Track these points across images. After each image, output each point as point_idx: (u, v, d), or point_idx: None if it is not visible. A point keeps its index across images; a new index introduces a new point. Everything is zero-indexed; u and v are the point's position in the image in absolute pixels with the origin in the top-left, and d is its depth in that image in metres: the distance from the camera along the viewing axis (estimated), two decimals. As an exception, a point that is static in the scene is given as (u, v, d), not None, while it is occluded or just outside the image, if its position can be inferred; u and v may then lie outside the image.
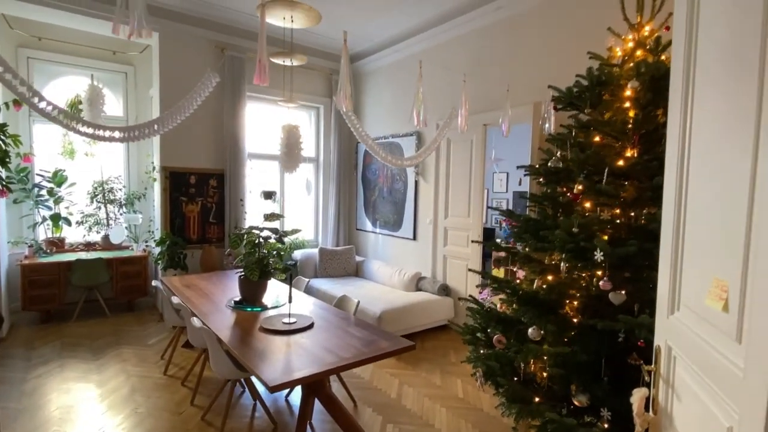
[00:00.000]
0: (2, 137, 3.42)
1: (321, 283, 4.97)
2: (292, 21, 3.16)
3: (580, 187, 2.20)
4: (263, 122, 5.60)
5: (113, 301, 4.96)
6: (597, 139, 2.35)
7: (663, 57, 2.20)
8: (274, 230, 3.18)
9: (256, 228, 3.14)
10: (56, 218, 4.77)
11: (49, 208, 4.74)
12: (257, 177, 5.58)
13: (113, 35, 4.79)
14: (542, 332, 2.18)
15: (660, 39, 2.17)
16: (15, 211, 4.60)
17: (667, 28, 2.26)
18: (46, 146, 4.88)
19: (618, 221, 2.17)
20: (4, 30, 4.41)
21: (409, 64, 5.16)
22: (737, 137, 0.89)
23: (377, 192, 5.73)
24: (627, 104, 2.21)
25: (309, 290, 4.72)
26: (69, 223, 4.89)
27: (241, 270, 3.02)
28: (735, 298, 0.86)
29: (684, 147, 1.15)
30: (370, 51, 5.61)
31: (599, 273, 2.14)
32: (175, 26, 4.65)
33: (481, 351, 2.51)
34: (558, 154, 2.44)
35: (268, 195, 5.44)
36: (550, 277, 2.42)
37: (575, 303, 2.26)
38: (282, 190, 5.80)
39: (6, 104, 3.73)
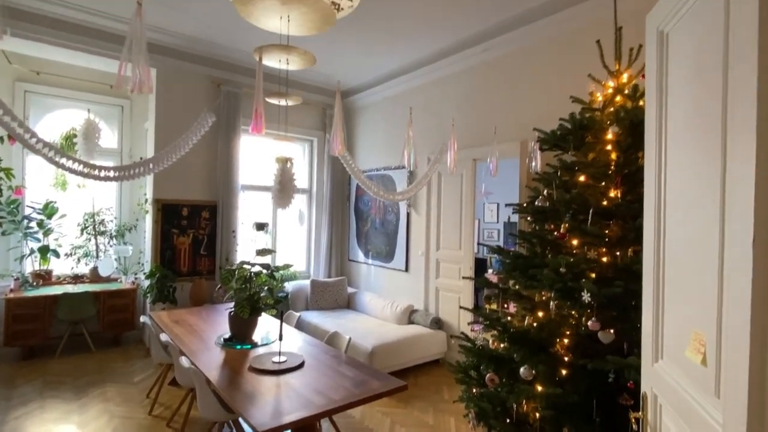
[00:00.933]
0: (-5, 172, 3.42)
1: (312, 317, 4.92)
2: (288, 63, 3.28)
3: (566, 226, 2.26)
4: (257, 154, 5.67)
5: (99, 336, 4.85)
6: (582, 179, 2.44)
7: (641, 103, 2.31)
8: (266, 265, 3.18)
9: (248, 263, 3.14)
10: (44, 250, 4.71)
11: (38, 240, 4.69)
12: (250, 208, 5.60)
13: (110, 69, 4.91)
14: (534, 372, 2.18)
15: (638, 86, 2.28)
16: (3, 244, 4.55)
17: (644, 76, 2.38)
18: (38, 178, 4.88)
19: (604, 260, 2.22)
20: (2, 65, 4.49)
21: (400, 100, 5.32)
22: (704, 193, 0.95)
23: (369, 223, 5.77)
24: (609, 147, 2.30)
25: (300, 324, 4.67)
26: (57, 255, 4.84)
27: (232, 305, 3.00)
28: (712, 352, 0.89)
29: (660, 193, 1.21)
30: (363, 87, 5.78)
31: (589, 312, 2.17)
32: (173, 62, 4.77)
33: (474, 390, 2.49)
34: (545, 192, 2.51)
35: (261, 226, 5.45)
36: (540, 314, 2.44)
37: (566, 341, 2.27)
38: (274, 222, 5.81)
39: (0, 138, 3.76)
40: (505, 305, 2.65)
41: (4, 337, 4.17)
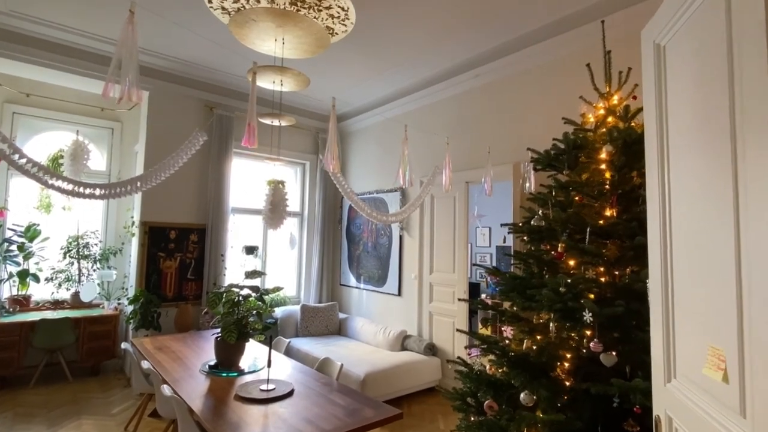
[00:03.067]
0: (-24, 192, 3.31)
1: (302, 343, 4.75)
2: (282, 85, 3.29)
3: (563, 246, 2.23)
4: (248, 177, 5.63)
5: (77, 365, 4.61)
6: (576, 198, 2.43)
7: (633, 123, 2.34)
8: (255, 288, 3.08)
9: (236, 286, 3.03)
10: (24, 274, 4.54)
11: (18, 264, 4.52)
12: (239, 232, 5.50)
13: (104, 105, 4.90)
14: (535, 397, 2.09)
15: (629, 107, 2.31)
16: (-21, 268, 4.37)
17: (635, 98, 2.43)
18: (21, 200, 4.75)
19: (602, 279, 2.18)
20: (-8, 86, 4.44)
21: (393, 125, 5.37)
22: (715, 199, 0.92)
23: (362, 246, 5.70)
24: (603, 166, 2.31)
25: (289, 351, 4.51)
26: (37, 280, 4.65)
27: (218, 331, 2.87)
28: (734, 367, 0.84)
29: (664, 207, 1.19)
30: (355, 112, 5.84)
31: (588, 333, 2.11)
32: (165, 85, 4.78)
33: (472, 418, 2.38)
34: (540, 212, 2.49)
35: (250, 250, 5.34)
36: (539, 337, 2.37)
37: (566, 365, 2.20)
38: (264, 245, 5.71)
39: (-16, 158, 3.66)
40: (504, 329, 2.58)
41: (-25, 367, 3.93)
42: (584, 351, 2.08)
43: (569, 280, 2.01)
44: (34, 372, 4.31)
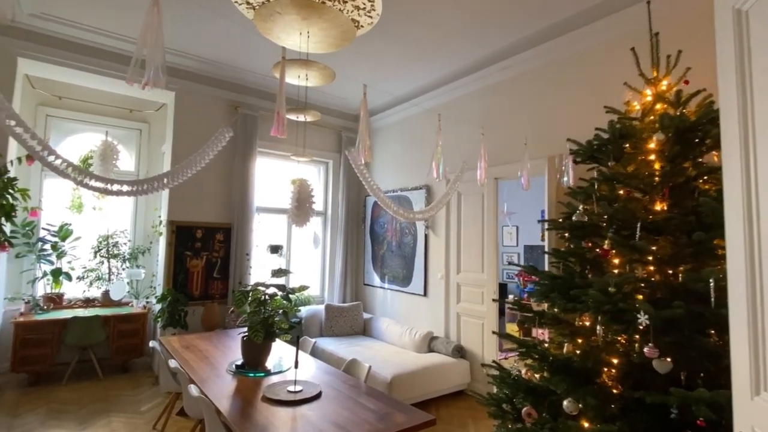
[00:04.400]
0: (11, 191, 3.39)
1: (327, 343, 4.69)
2: (307, 79, 3.23)
3: (609, 242, 2.07)
4: (272, 176, 5.62)
5: (107, 362, 4.69)
6: (621, 192, 2.26)
7: (685, 110, 2.15)
8: (281, 287, 3.02)
9: (262, 284, 2.99)
10: (57, 273, 4.64)
11: (51, 263, 4.62)
12: (264, 231, 5.50)
13: (131, 93, 4.97)
14: (580, 405, 1.94)
15: (681, 92, 2.14)
16: (16, 266, 4.49)
17: (686, 82, 2.25)
18: (55, 200, 4.87)
19: (652, 279, 2.01)
20: (26, 89, 4.56)
21: (418, 120, 5.25)
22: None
23: (386, 246, 5.60)
24: (652, 157, 2.14)
25: (315, 351, 4.46)
26: (69, 279, 4.75)
27: (244, 330, 2.83)
28: None
29: (749, 194, 1.03)
30: (379, 109, 5.75)
31: (637, 337, 1.95)
32: (191, 86, 4.81)
33: (509, 426, 2.25)
34: (581, 207, 2.34)
35: (275, 249, 5.33)
36: (580, 341, 2.22)
37: (613, 371, 2.04)
38: (289, 244, 5.69)
39: (18, 159, 3.75)
40: (541, 332, 2.44)
41: (11, 363, 4.03)
42: (635, 356, 1.92)
43: (618, 278, 1.85)
44: (66, 369, 4.40)
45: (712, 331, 1.79)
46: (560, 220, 2.38)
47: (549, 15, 3.45)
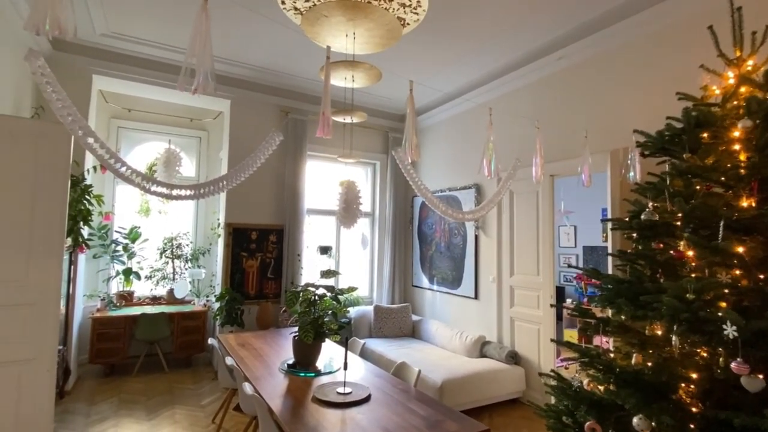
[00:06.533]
0: (87, 198, 3.69)
1: (376, 345, 4.68)
2: (353, 81, 3.23)
3: (685, 243, 1.86)
4: (321, 179, 5.72)
5: (172, 356, 4.99)
6: (698, 187, 2.03)
7: (777, 92, 1.89)
8: (330, 288, 3.04)
9: (312, 285, 3.02)
10: (128, 272, 5.01)
11: (123, 263, 5.00)
12: (314, 232, 5.61)
13: (191, 103, 5.26)
14: (653, 423, 1.76)
15: (771, 72, 1.88)
16: (93, 266, 4.90)
17: (778, 61, 1.98)
18: (125, 205, 5.27)
19: (739, 285, 1.78)
20: (101, 104, 4.98)
21: (467, 117, 5.11)
22: None
23: (434, 247, 5.50)
24: (736, 146, 1.90)
25: (364, 352, 4.46)
26: (139, 277, 5.12)
27: (296, 329, 2.87)
28: None
29: None
30: (426, 108, 5.67)
31: (721, 350, 1.73)
32: (245, 93, 5.01)
33: (571, 441, 2.09)
34: (651, 205, 2.13)
35: (324, 250, 5.41)
36: (651, 352, 2.02)
37: (692, 387, 1.83)
38: (338, 246, 5.76)
39: (94, 168, 4.09)
40: (605, 340, 2.25)
41: (90, 355, 4.40)
42: (718, 371, 1.70)
43: (698, 283, 1.65)
44: (136, 362, 4.74)
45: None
46: (627, 219, 2.18)
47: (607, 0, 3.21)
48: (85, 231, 3.92)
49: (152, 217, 5.40)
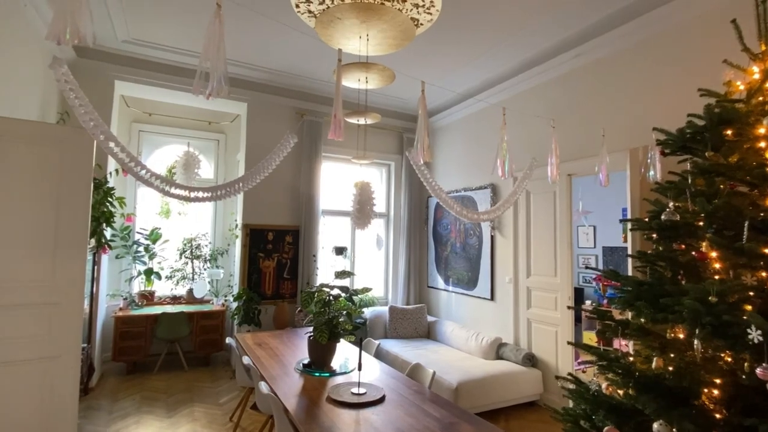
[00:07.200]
0: (109, 200, 3.80)
1: (392, 346, 4.68)
2: (367, 82, 3.24)
3: (708, 244, 1.81)
4: (336, 180, 5.76)
5: (191, 355, 5.09)
6: (722, 186, 1.97)
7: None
8: (345, 288, 3.06)
9: (327, 286, 3.04)
10: (149, 272, 5.14)
11: (144, 263, 5.13)
12: (330, 233, 5.65)
13: (209, 107, 5.36)
14: (674, 430, 1.71)
15: (799, 66, 1.81)
16: (116, 266, 5.04)
17: (807, 54, 1.90)
18: (146, 207, 5.40)
19: (765, 287, 1.71)
20: (122, 109, 5.12)
21: (481, 117, 5.07)
22: None
23: (449, 247, 5.47)
24: (761, 144, 1.83)
25: (379, 353, 4.46)
26: (159, 277, 5.24)
27: (311, 329, 2.90)
28: None
29: None
30: (440, 108, 5.64)
31: (747, 354, 1.67)
32: (261, 96, 5.08)
33: (588, 446, 2.05)
34: (671, 204, 2.07)
35: (340, 251, 5.44)
36: (672, 356, 1.96)
37: (715, 392, 1.77)
38: (353, 246, 5.78)
39: (116, 170, 4.21)
40: (624, 343, 2.20)
41: (113, 353, 4.53)
42: (743, 377, 1.65)
43: (722, 286, 1.60)
44: (157, 360, 4.85)
45: None
46: (647, 219, 2.13)
47: (628, -7, 3.14)
48: (108, 232, 4.03)
49: (172, 218, 5.52)
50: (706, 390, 1.77)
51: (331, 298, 2.99)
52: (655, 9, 3.14)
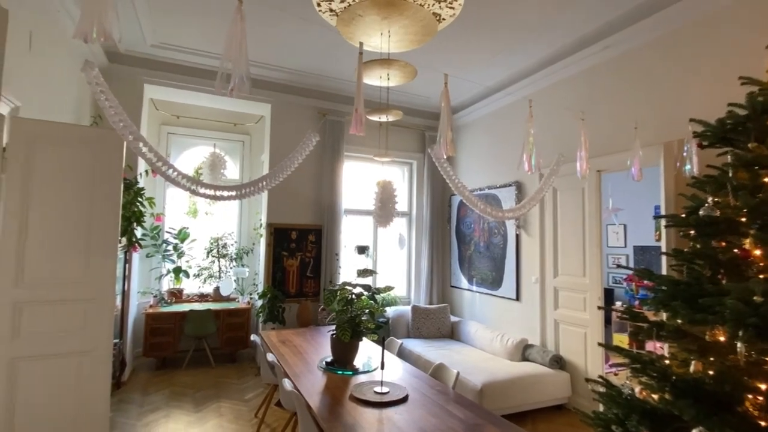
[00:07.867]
0: (139, 200, 3.92)
1: (414, 345, 4.65)
2: (389, 79, 3.22)
3: (751, 242, 1.70)
4: (359, 179, 5.76)
5: (218, 351, 5.20)
6: (765, 180, 1.85)
7: None
8: (367, 287, 3.05)
9: (349, 284, 3.04)
10: (178, 271, 5.28)
11: (173, 262, 5.27)
12: (352, 232, 5.66)
13: (234, 108, 5.47)
14: (715, 438, 1.62)
15: None
16: (146, 264, 5.20)
17: None
18: (175, 207, 5.55)
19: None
20: (152, 112, 5.28)
21: (507, 113, 4.97)
22: None
23: (473, 246, 5.39)
24: (812, 134, 1.71)
25: (401, 353, 4.44)
26: (187, 276, 5.38)
27: (334, 328, 2.90)
28: None
29: None
30: (463, 105, 5.56)
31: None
32: (285, 97, 5.14)
33: (621, 452, 1.96)
34: (710, 200, 1.96)
35: (362, 250, 5.44)
36: (712, 359, 1.85)
37: (760, 398, 1.67)
38: (375, 245, 5.77)
39: (146, 171, 4.34)
40: (659, 345, 2.10)
41: (144, 348, 4.67)
42: (792, 383, 1.54)
43: (767, 287, 1.50)
44: (185, 356, 4.97)
45: None
46: (683, 215, 2.03)
47: (661, -20, 3.00)
48: (138, 231, 4.16)
49: (200, 218, 5.66)
50: (750, 396, 1.67)
51: (353, 296, 2.99)
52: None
